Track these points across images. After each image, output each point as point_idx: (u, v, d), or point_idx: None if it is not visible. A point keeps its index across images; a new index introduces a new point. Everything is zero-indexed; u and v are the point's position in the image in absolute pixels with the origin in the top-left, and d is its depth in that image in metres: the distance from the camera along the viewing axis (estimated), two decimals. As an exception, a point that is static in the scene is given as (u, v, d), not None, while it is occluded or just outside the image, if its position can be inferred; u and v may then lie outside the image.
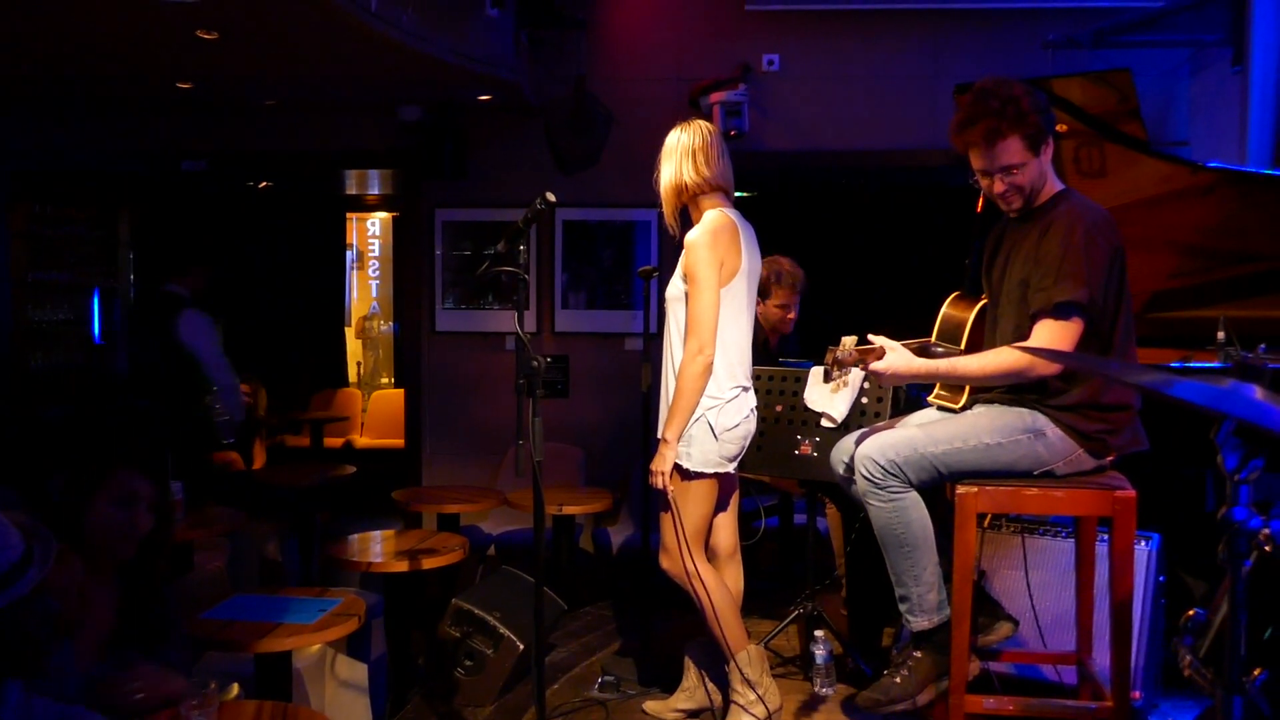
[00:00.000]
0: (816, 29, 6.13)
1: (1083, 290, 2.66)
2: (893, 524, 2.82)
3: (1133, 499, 2.69)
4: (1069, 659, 3.11)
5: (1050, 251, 2.72)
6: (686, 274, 3.21)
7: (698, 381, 3.17)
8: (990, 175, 2.81)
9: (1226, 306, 3.77)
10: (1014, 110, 2.72)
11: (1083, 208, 2.79)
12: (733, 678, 3.26)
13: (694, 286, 3.19)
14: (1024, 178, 2.78)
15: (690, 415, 3.19)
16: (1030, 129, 2.73)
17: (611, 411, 6.32)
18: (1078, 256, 2.68)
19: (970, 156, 2.83)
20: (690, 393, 3.18)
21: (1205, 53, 5.53)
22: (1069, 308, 2.68)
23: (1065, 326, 2.69)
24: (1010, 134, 2.73)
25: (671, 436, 3.19)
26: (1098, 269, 2.69)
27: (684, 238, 3.28)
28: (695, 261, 3.18)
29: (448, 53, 4.88)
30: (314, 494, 5.61)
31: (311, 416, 8.74)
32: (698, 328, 3.17)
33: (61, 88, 5.74)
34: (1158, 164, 3.92)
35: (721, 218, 3.24)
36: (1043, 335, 2.71)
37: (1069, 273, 2.67)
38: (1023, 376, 2.72)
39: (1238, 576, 1.75)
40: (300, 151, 6.63)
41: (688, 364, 3.17)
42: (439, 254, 6.50)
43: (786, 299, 4.70)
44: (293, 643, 3.10)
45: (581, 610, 4.88)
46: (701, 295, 3.18)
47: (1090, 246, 2.69)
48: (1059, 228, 2.74)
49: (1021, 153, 2.75)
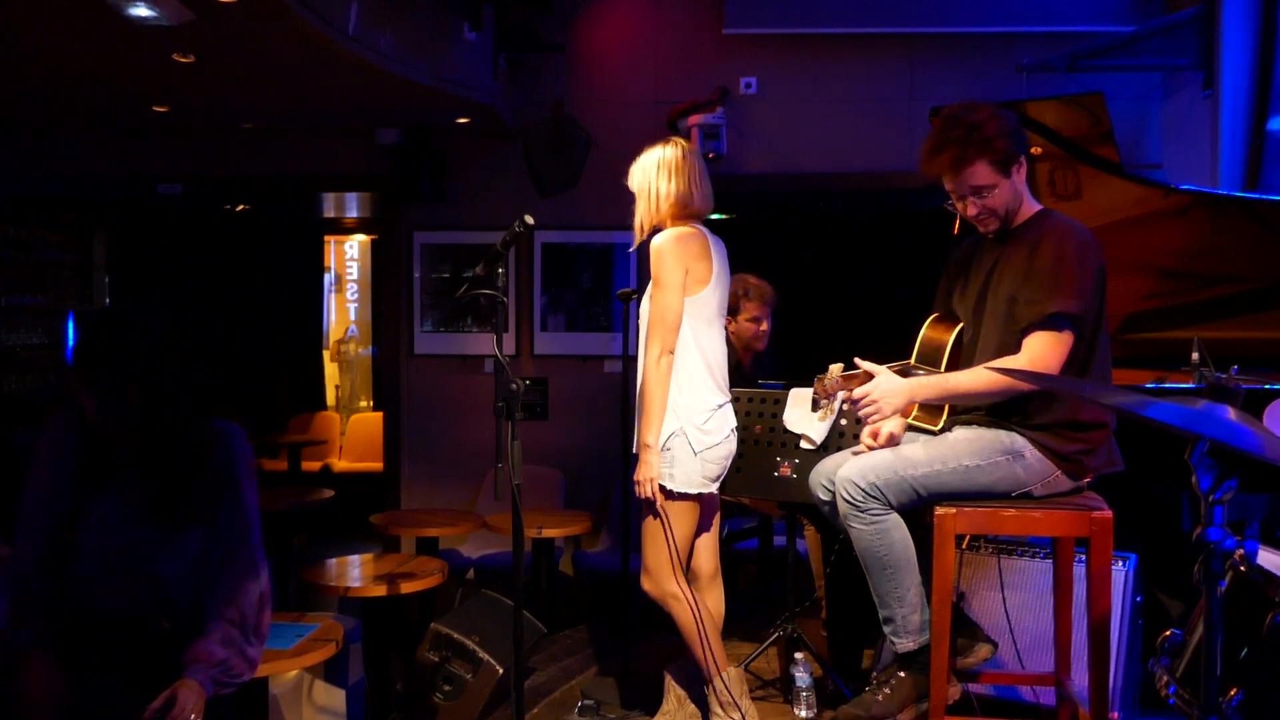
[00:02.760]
0: (793, 52, 6.17)
1: (1075, 302, 2.68)
2: (875, 546, 2.82)
3: (1110, 520, 2.70)
4: (1047, 680, 3.11)
5: (1043, 265, 2.74)
6: (652, 278, 3.23)
7: (662, 382, 3.18)
8: (963, 199, 2.84)
9: (1200, 328, 3.80)
10: (979, 136, 2.74)
11: (1072, 225, 2.81)
12: (712, 700, 3.25)
13: (657, 288, 3.20)
14: (997, 200, 2.81)
15: (662, 414, 3.19)
16: (996, 153, 2.75)
17: (591, 434, 6.31)
18: (1071, 269, 2.70)
19: (944, 181, 2.86)
20: (657, 395, 3.18)
21: (1177, 77, 5.60)
22: (1061, 319, 2.69)
23: (1057, 338, 2.70)
24: (976, 159, 2.75)
25: (652, 441, 3.19)
26: (1088, 283, 2.71)
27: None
28: (659, 263, 3.20)
29: (426, 76, 4.89)
30: (291, 518, 5.58)
31: (289, 440, 8.69)
32: (660, 328, 3.19)
33: (36, 111, 5.71)
34: (1131, 186, 3.96)
35: (690, 228, 3.27)
36: (1034, 347, 2.72)
37: (1062, 285, 2.69)
38: (1013, 389, 2.73)
39: (1213, 597, 1.75)
40: (277, 174, 6.61)
41: (650, 366, 3.18)
42: (417, 276, 6.49)
43: (758, 311, 4.72)
44: (270, 668, 3.08)
45: (561, 633, 4.85)
46: (664, 295, 3.19)
47: (1082, 261, 2.71)
48: (1051, 242, 2.76)
49: (990, 175, 2.77)
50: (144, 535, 2.42)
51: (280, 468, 8.32)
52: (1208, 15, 5.01)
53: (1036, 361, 2.70)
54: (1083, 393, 2.65)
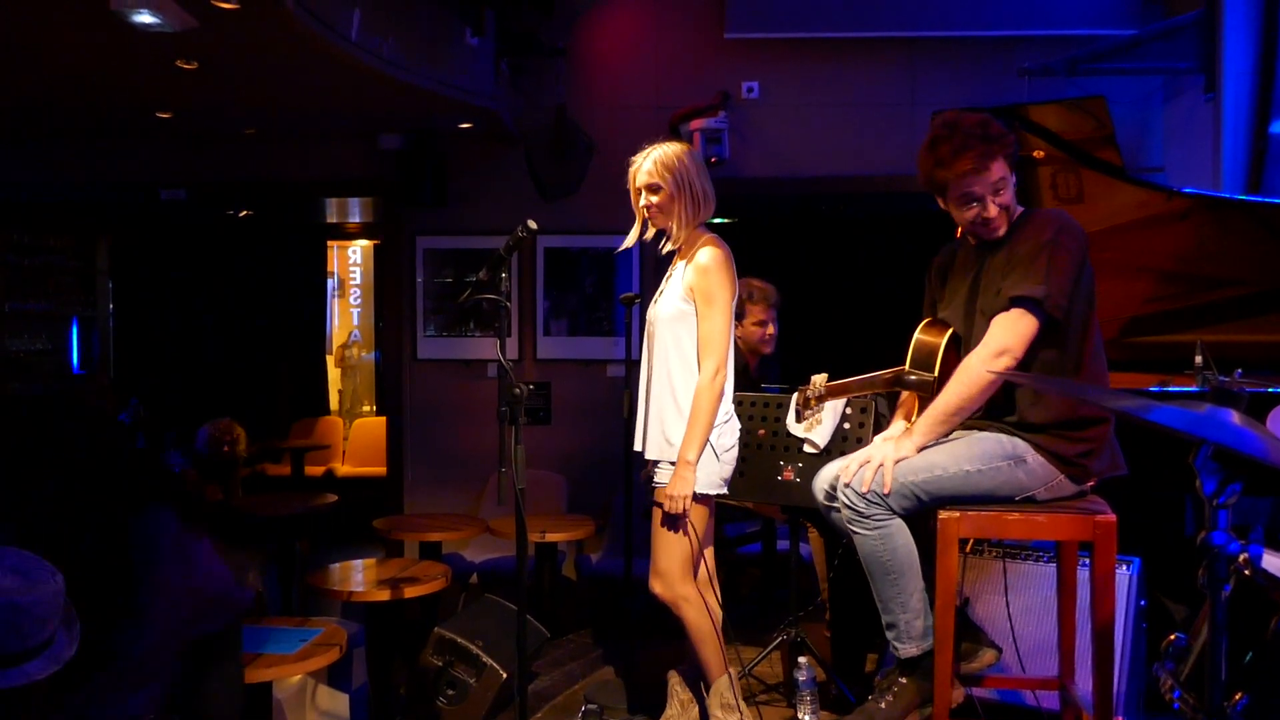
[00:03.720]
0: (795, 57, 6.18)
1: (1040, 287, 2.67)
2: (878, 552, 2.81)
3: (1113, 523, 2.69)
4: (1051, 684, 3.11)
5: (1020, 256, 2.75)
6: (702, 295, 3.21)
7: (716, 402, 3.19)
8: (982, 200, 2.80)
9: (1203, 331, 3.79)
10: (993, 133, 2.76)
11: (1050, 214, 2.83)
12: (710, 702, 3.25)
13: (711, 307, 3.21)
14: (1008, 195, 2.81)
15: (708, 435, 3.20)
16: (1008, 148, 2.78)
17: (594, 438, 6.31)
18: (1043, 256, 2.70)
19: (956, 187, 2.82)
20: (709, 413, 3.18)
21: (1178, 80, 5.60)
22: (1023, 301, 2.69)
23: (1018, 319, 2.69)
24: (997, 155, 2.77)
25: (693, 457, 3.18)
26: (1060, 268, 2.69)
27: (665, 254, 3.34)
28: (715, 284, 3.20)
29: (428, 81, 4.89)
30: (294, 523, 5.58)
31: (292, 445, 8.70)
32: (714, 348, 3.20)
33: (39, 117, 5.73)
34: (1133, 190, 3.96)
35: (725, 245, 3.29)
36: (993, 331, 2.73)
37: (1030, 271, 2.70)
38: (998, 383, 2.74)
39: (1218, 601, 1.75)
40: (280, 180, 6.62)
41: (707, 386, 3.18)
42: (420, 281, 6.50)
43: (763, 314, 4.72)
44: (273, 673, 3.08)
45: (564, 638, 4.85)
46: (717, 316, 3.21)
47: (1057, 246, 2.71)
48: (1029, 233, 2.77)
49: (1005, 169, 2.79)
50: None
51: (283, 473, 8.33)
52: (1209, 18, 5.02)
53: (995, 343, 2.70)
54: (1086, 396, 2.65)
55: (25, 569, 2.03)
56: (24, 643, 1.99)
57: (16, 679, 1.98)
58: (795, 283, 5.25)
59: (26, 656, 2.00)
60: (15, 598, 1.99)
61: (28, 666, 2.00)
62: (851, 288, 7.68)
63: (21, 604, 1.99)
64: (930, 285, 3.10)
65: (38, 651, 2.02)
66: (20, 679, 1.98)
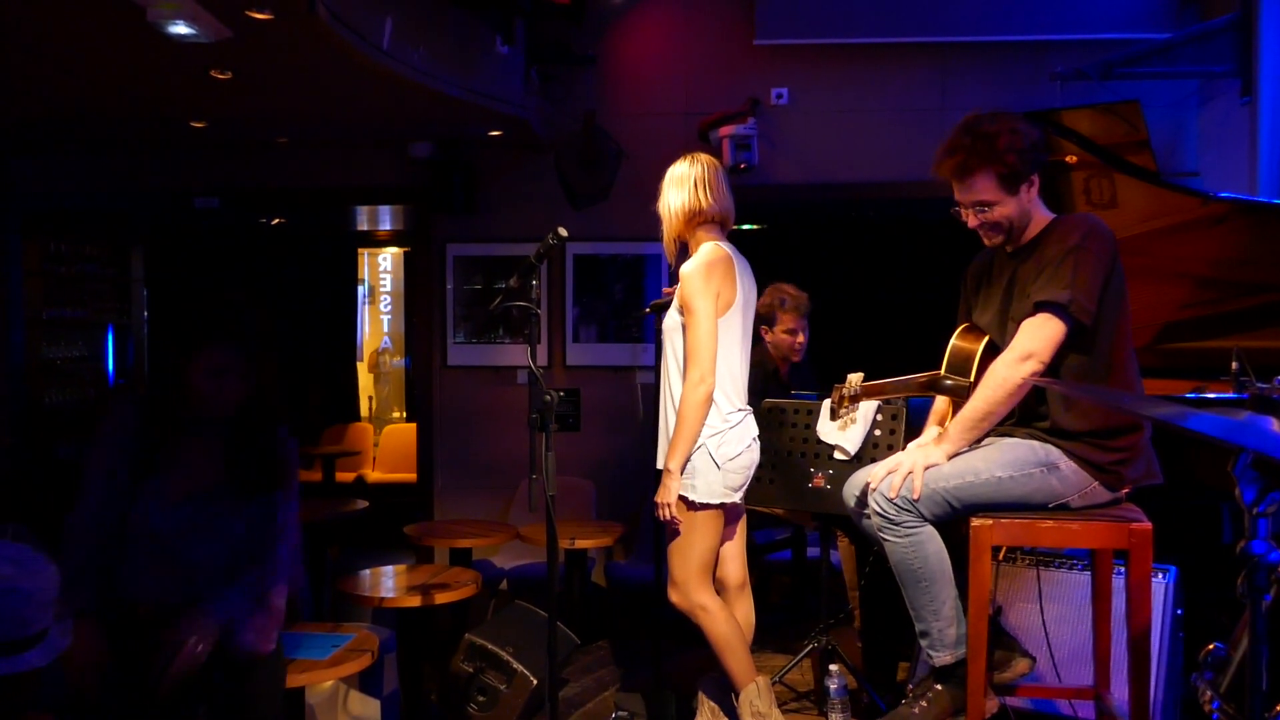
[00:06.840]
0: (824, 62, 6.16)
1: (1065, 292, 2.64)
2: (910, 559, 2.79)
3: (1149, 531, 2.66)
4: (1086, 694, 3.08)
5: (1049, 259, 2.72)
6: (682, 305, 3.25)
7: (699, 410, 3.19)
8: (965, 209, 2.81)
9: (1240, 337, 3.75)
10: (985, 146, 2.71)
11: (1079, 218, 2.79)
12: (741, 711, 3.24)
13: (691, 317, 3.21)
14: (998, 215, 2.77)
15: (692, 444, 3.20)
16: (1003, 167, 2.71)
17: (623, 445, 6.31)
18: (1069, 261, 2.67)
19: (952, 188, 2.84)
20: (692, 422, 3.19)
21: (1214, 84, 5.54)
22: (1048, 306, 2.67)
23: (1043, 323, 2.67)
24: (979, 169, 2.73)
25: (674, 467, 3.20)
26: (1086, 272, 2.66)
27: (680, 268, 3.32)
28: (691, 292, 3.21)
29: (458, 89, 4.92)
30: (325, 528, 5.60)
31: (323, 451, 8.74)
32: (697, 358, 3.19)
33: (75, 127, 5.79)
34: (1168, 195, 3.91)
35: (717, 250, 3.29)
36: (1020, 337, 2.71)
37: (1056, 275, 2.67)
38: (1025, 388, 2.72)
39: (1258, 611, 1.73)
40: (312, 188, 6.67)
41: (689, 394, 3.19)
42: (450, 288, 6.52)
43: (794, 323, 4.71)
44: (305, 679, 3.09)
45: (594, 645, 4.86)
46: (699, 325, 3.20)
47: (1083, 251, 2.67)
48: (1057, 239, 2.75)
49: (993, 191, 2.74)
50: (187, 516, 2.56)
51: (315, 478, 8.37)
52: (1245, 21, 4.96)
53: (1021, 348, 2.69)
54: (1123, 404, 2.62)
55: (21, 559, 2.09)
56: (25, 630, 2.06)
57: (19, 666, 2.03)
58: (825, 289, 5.23)
59: (27, 645, 2.06)
60: (18, 583, 2.06)
61: (28, 655, 2.05)
62: (882, 294, 7.65)
63: (24, 590, 2.06)
64: (965, 292, 3.08)
65: (36, 640, 2.08)
66: (21, 666, 2.04)
